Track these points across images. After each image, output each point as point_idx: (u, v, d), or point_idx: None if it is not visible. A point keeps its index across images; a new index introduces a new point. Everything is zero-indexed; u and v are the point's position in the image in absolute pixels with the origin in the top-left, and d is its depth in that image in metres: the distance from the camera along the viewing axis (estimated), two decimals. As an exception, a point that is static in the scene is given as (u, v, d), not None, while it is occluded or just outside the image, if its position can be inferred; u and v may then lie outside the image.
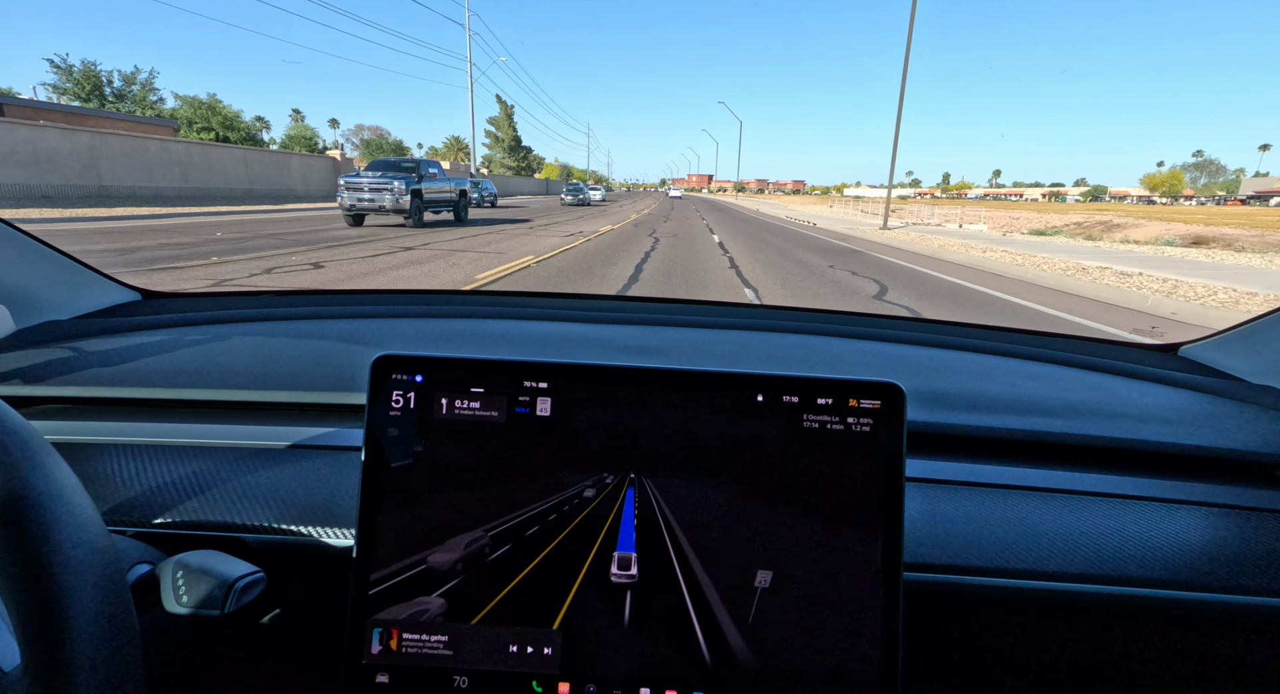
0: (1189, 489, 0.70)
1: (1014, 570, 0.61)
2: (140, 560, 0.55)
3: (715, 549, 0.50)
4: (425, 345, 1.00)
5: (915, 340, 1.06)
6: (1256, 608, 0.59)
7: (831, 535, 0.50)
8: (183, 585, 0.53)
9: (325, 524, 0.64)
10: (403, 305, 1.19)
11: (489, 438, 0.52)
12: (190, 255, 8.29)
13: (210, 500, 0.66)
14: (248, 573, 0.55)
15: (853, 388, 0.50)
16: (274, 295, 1.21)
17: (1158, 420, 0.79)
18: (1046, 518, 0.65)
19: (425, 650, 0.50)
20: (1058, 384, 0.91)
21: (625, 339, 1.01)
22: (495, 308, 1.19)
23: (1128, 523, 0.65)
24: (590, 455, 0.51)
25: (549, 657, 0.50)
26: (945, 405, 0.79)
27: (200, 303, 1.16)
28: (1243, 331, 0.94)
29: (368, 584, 0.50)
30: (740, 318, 1.16)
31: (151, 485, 0.67)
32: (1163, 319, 6.27)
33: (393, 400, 0.52)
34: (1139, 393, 0.89)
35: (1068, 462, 0.74)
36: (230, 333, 1.01)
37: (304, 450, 0.73)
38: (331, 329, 1.05)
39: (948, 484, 0.70)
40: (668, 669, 0.49)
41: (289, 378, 0.84)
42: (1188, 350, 1.01)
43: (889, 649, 0.49)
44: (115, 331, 0.99)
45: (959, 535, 0.63)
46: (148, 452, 0.72)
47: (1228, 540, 0.64)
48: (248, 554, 0.60)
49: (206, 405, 0.82)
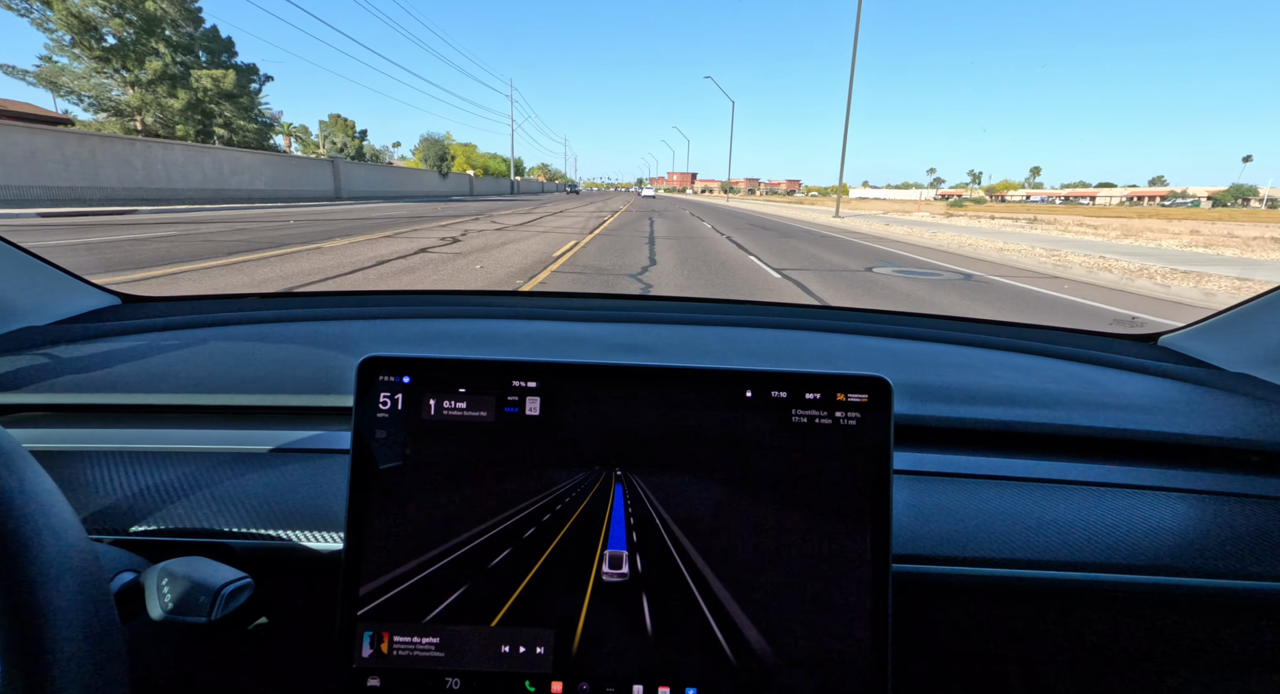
0: (1168, 476, 0.71)
1: (1000, 560, 0.61)
2: (124, 569, 0.54)
3: (707, 544, 0.50)
4: (411, 346, 0.99)
5: (902, 334, 1.07)
6: (1230, 591, 0.61)
7: (821, 528, 0.50)
8: (168, 593, 0.52)
9: (313, 528, 0.63)
10: (388, 307, 1.18)
11: (478, 438, 0.51)
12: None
13: (195, 506, 0.65)
14: (234, 579, 0.54)
15: (840, 382, 0.51)
16: (256, 298, 1.19)
17: (1138, 409, 0.81)
18: (1031, 507, 0.66)
19: (416, 652, 0.49)
20: (1041, 375, 0.92)
21: (614, 337, 1.01)
22: (482, 307, 1.18)
23: (1109, 511, 0.66)
24: (581, 454, 0.51)
25: (541, 656, 0.49)
26: (932, 398, 0.80)
27: (181, 306, 1.14)
28: (1220, 321, 0.96)
29: (358, 586, 0.50)
30: (728, 314, 1.17)
31: (134, 492, 0.66)
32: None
33: (380, 402, 0.51)
34: (1119, 382, 0.90)
35: (1052, 451, 0.75)
36: (212, 336, 1.00)
37: (290, 454, 0.72)
38: (316, 332, 1.04)
39: (935, 476, 0.70)
40: (660, 665, 0.49)
41: (273, 381, 0.83)
42: (1167, 340, 1.03)
43: (879, 640, 0.49)
44: (94, 337, 0.97)
45: (946, 526, 0.64)
46: (130, 458, 0.70)
47: (1204, 526, 0.65)
48: (234, 560, 0.59)
49: (189, 410, 0.80)
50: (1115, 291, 7.86)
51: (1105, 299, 7.16)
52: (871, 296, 6.81)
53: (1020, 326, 1.09)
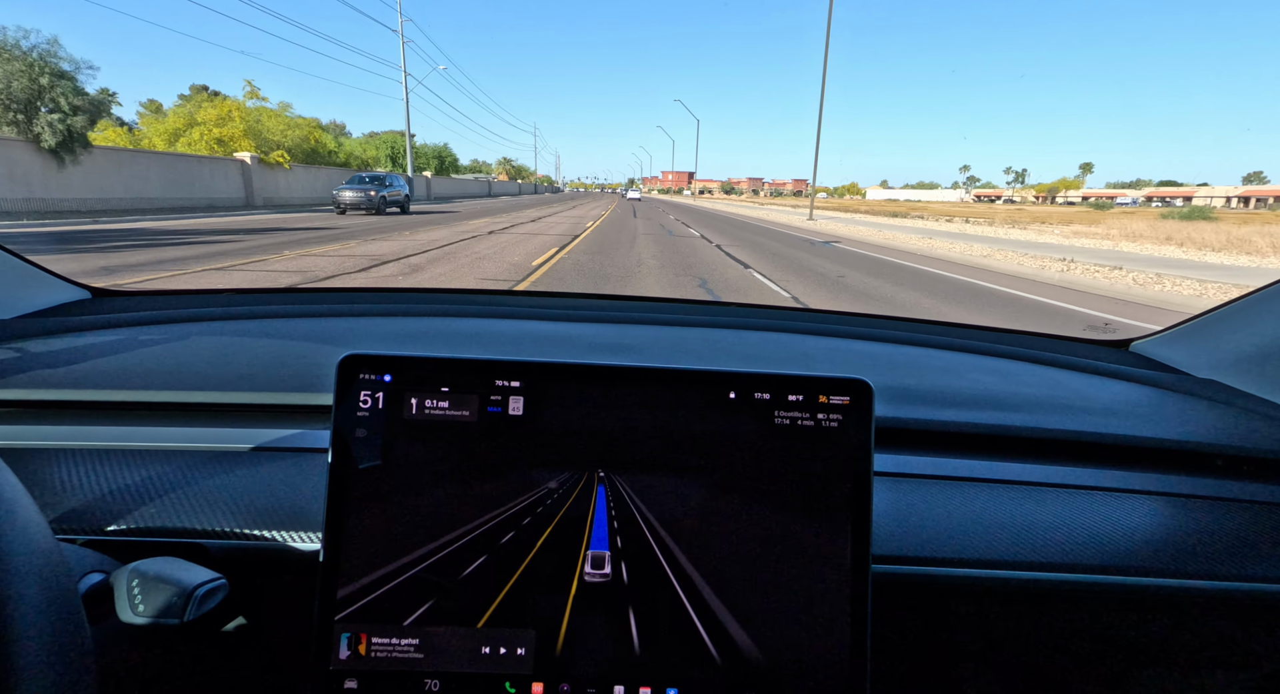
0: (1138, 479, 0.73)
1: (977, 560, 0.63)
2: (92, 569, 0.53)
3: (690, 545, 0.50)
4: (393, 344, 0.98)
5: (883, 337, 1.09)
6: (1198, 591, 0.62)
7: (803, 529, 0.51)
8: (138, 594, 0.51)
9: (291, 528, 0.62)
10: (370, 304, 1.16)
11: (460, 438, 0.51)
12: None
13: (168, 506, 0.63)
14: (208, 580, 0.53)
15: (822, 385, 0.51)
16: (233, 293, 1.17)
17: (1109, 413, 0.83)
18: (1007, 509, 0.68)
19: (395, 654, 0.49)
20: (1017, 379, 0.94)
21: (598, 337, 1.01)
22: (465, 306, 1.17)
23: (1082, 512, 0.68)
24: (564, 455, 0.51)
25: (522, 657, 0.49)
26: (911, 401, 0.81)
27: (154, 301, 1.11)
28: (1188, 328, 0.99)
29: (336, 588, 0.49)
30: (712, 316, 1.17)
31: (105, 491, 0.65)
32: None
33: (360, 401, 0.51)
34: (1092, 387, 0.92)
35: (1027, 454, 0.77)
36: (188, 332, 0.97)
37: (267, 453, 0.71)
38: (295, 328, 1.02)
39: (914, 478, 0.71)
40: (641, 666, 0.49)
41: (251, 379, 0.81)
42: (1138, 346, 1.06)
43: (858, 640, 0.50)
44: (63, 331, 0.95)
45: (925, 528, 0.65)
46: (100, 456, 0.69)
47: (1173, 528, 0.67)
48: (209, 561, 0.58)
49: (163, 407, 0.79)
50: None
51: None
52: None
53: (997, 331, 1.11)
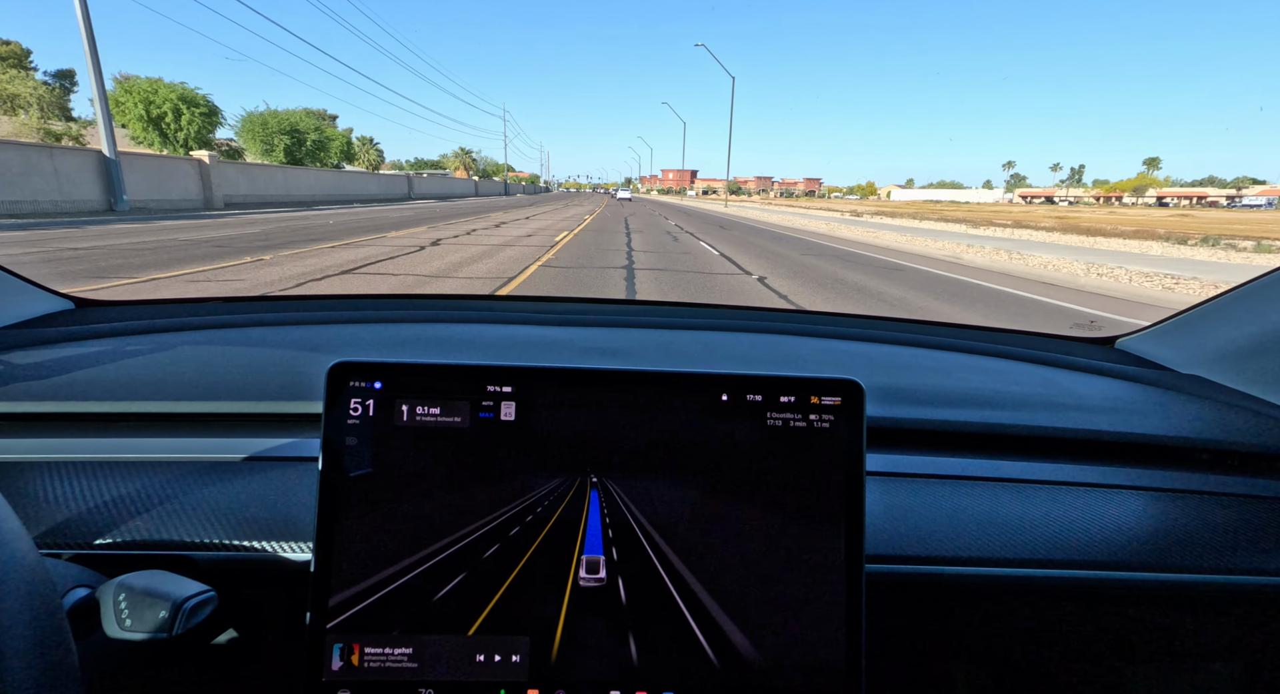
0: (1126, 475, 0.74)
1: (969, 558, 0.63)
2: (78, 584, 0.52)
3: (684, 548, 0.50)
4: (384, 351, 0.98)
5: (874, 338, 1.10)
6: (1188, 585, 0.63)
7: (796, 530, 0.51)
8: (125, 608, 0.50)
9: (281, 539, 0.61)
10: (359, 311, 1.15)
11: (452, 444, 0.51)
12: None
13: (156, 518, 0.62)
14: (197, 592, 0.52)
15: (814, 385, 0.51)
16: (220, 302, 1.16)
17: (1097, 410, 0.84)
18: (999, 507, 0.68)
19: (389, 664, 0.48)
20: (1006, 377, 0.95)
21: (590, 341, 1.01)
22: (456, 312, 1.17)
23: (1072, 509, 0.68)
24: (556, 459, 0.51)
25: (517, 664, 0.49)
26: (902, 400, 0.82)
27: (139, 311, 1.10)
28: (1173, 324, 1.00)
29: (327, 597, 0.49)
30: (704, 318, 1.18)
31: (90, 505, 0.64)
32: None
33: (351, 408, 0.50)
34: (1080, 384, 0.93)
35: (1017, 452, 0.78)
36: (174, 342, 0.96)
37: (257, 462, 0.70)
38: (283, 336, 1.01)
39: (906, 477, 0.72)
40: (637, 670, 0.49)
41: (239, 388, 0.80)
42: (1123, 343, 1.07)
43: (853, 640, 0.50)
44: (46, 342, 0.93)
45: (917, 526, 0.65)
46: (85, 469, 0.68)
47: (1161, 522, 0.68)
48: (197, 573, 0.57)
49: (149, 418, 0.78)
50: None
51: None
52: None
53: (986, 330, 1.12)
